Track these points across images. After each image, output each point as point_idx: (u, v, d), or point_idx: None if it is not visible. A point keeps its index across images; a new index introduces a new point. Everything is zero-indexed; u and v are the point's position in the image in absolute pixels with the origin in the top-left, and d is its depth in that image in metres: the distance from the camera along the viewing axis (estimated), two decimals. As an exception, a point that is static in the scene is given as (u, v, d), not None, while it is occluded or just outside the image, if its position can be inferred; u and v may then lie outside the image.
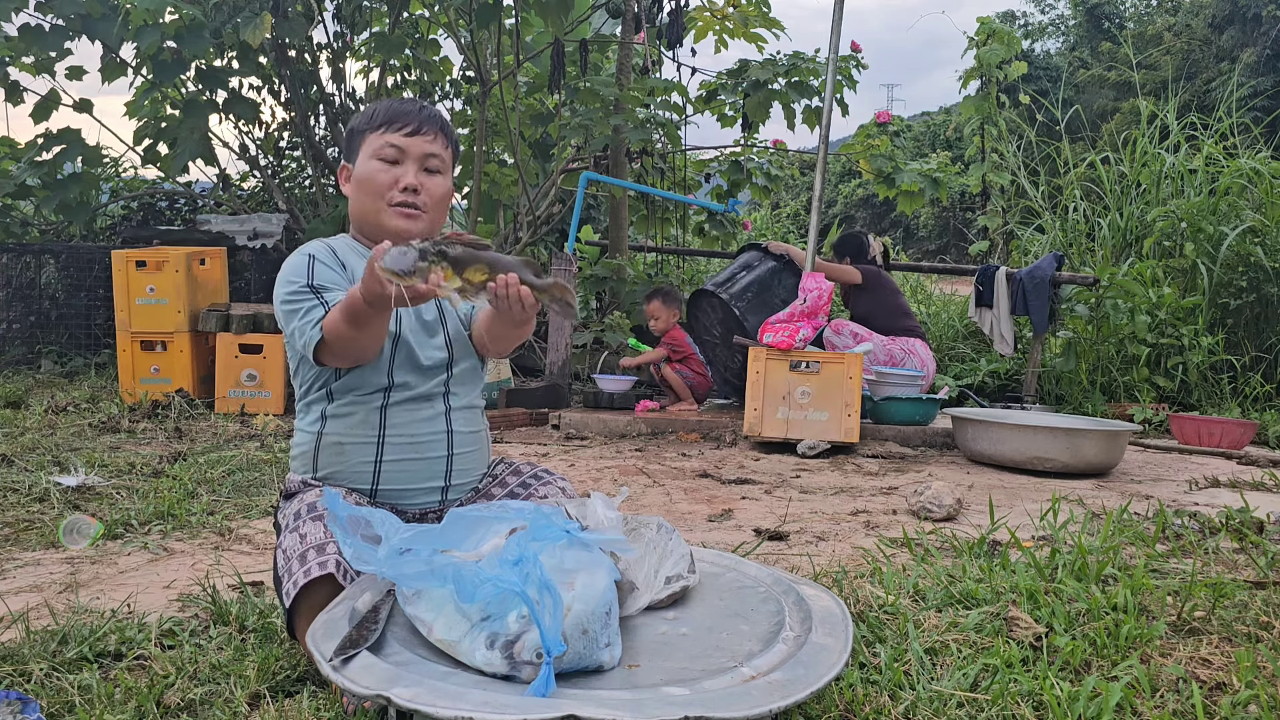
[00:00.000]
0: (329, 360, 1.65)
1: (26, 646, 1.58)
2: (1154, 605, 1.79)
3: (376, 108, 1.77)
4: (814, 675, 1.22)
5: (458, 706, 1.08)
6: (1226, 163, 6.16)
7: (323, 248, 1.75)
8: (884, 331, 5.06)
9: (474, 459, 1.82)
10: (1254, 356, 5.63)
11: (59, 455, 3.43)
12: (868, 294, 5.17)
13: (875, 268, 5.25)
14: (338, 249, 1.76)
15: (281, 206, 6.75)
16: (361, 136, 1.75)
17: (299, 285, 1.66)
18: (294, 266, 1.70)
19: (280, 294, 1.68)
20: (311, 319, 1.62)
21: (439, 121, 1.76)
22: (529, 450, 4.04)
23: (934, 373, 5.11)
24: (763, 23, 6.49)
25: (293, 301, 1.65)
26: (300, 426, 1.76)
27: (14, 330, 6.89)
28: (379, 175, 1.72)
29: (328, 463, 1.71)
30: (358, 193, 1.75)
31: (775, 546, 2.48)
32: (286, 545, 1.56)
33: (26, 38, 5.75)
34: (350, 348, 1.62)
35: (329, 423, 1.71)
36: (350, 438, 1.70)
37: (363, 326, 1.57)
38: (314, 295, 1.65)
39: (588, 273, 6.20)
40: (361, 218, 1.77)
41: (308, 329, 1.62)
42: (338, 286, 1.67)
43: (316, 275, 1.67)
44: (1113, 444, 3.77)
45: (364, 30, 6.72)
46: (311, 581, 1.46)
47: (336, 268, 1.72)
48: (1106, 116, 20.37)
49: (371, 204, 1.73)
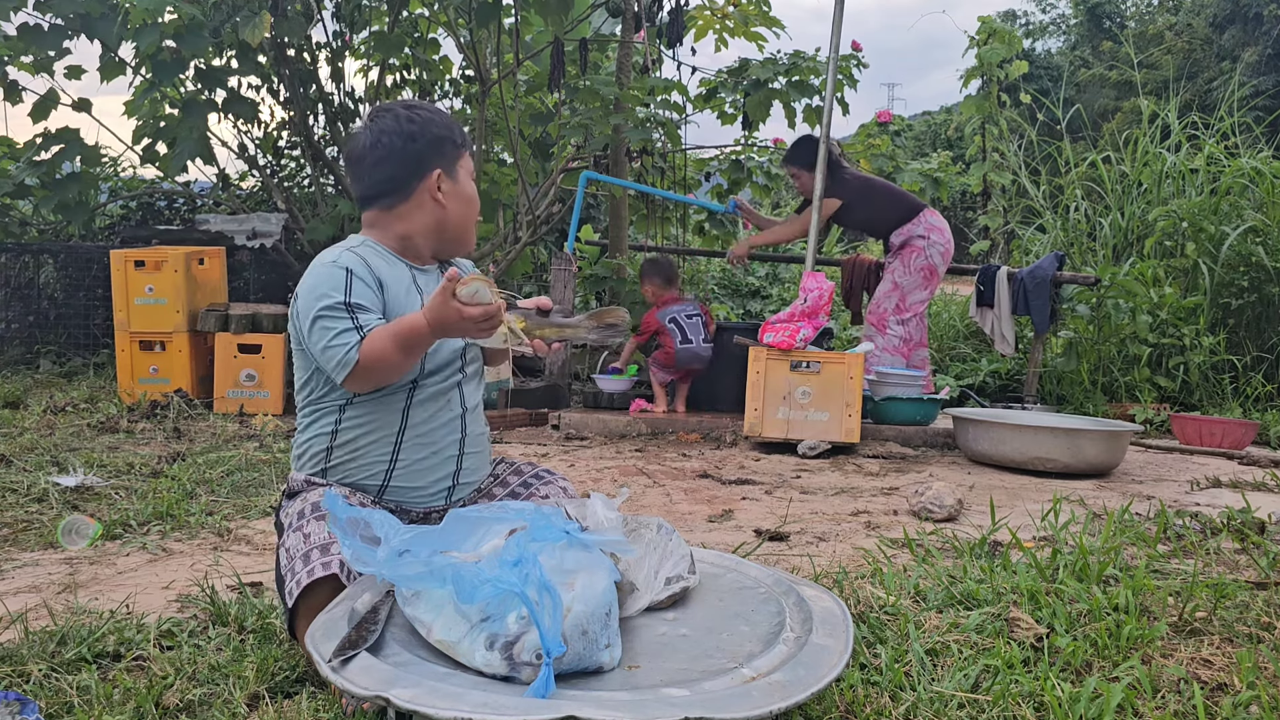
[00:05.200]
0: (353, 385, 1.61)
1: (25, 647, 1.58)
2: (1155, 606, 1.78)
3: (446, 125, 1.77)
4: (814, 676, 1.21)
5: (457, 707, 1.08)
6: (1228, 162, 6.15)
7: (357, 261, 1.66)
8: (895, 225, 4.87)
9: (481, 459, 1.83)
10: (1255, 356, 5.63)
11: (57, 455, 3.42)
12: (859, 205, 4.91)
13: (846, 176, 4.93)
14: (370, 262, 1.68)
15: (280, 206, 6.74)
16: (459, 152, 1.76)
17: (335, 301, 1.59)
18: (329, 279, 1.62)
19: (312, 305, 1.60)
20: (348, 342, 1.57)
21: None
22: (529, 450, 4.03)
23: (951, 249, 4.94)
24: (763, 21, 6.47)
25: (327, 318, 1.59)
26: (309, 427, 1.73)
27: (12, 330, 6.89)
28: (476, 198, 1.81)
29: (342, 459, 1.69)
30: (465, 212, 1.78)
31: (776, 547, 2.47)
32: (290, 544, 1.56)
33: (25, 37, 5.74)
34: (389, 374, 1.60)
35: (345, 421, 1.68)
36: (369, 436, 1.68)
37: (414, 353, 1.57)
38: (350, 315, 1.59)
39: (588, 272, 6.19)
40: (452, 230, 1.78)
41: (342, 351, 1.57)
42: (374, 308, 1.63)
43: (354, 293, 1.61)
44: (1114, 444, 3.77)
45: (363, 29, 6.71)
46: (314, 581, 1.46)
47: (373, 285, 1.65)
48: (1108, 116, 20.36)
49: (470, 225, 1.80)
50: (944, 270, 4.96)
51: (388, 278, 1.69)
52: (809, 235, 4.65)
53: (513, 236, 6.59)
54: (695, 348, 4.85)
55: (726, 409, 4.96)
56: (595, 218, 8.79)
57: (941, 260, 4.87)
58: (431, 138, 1.73)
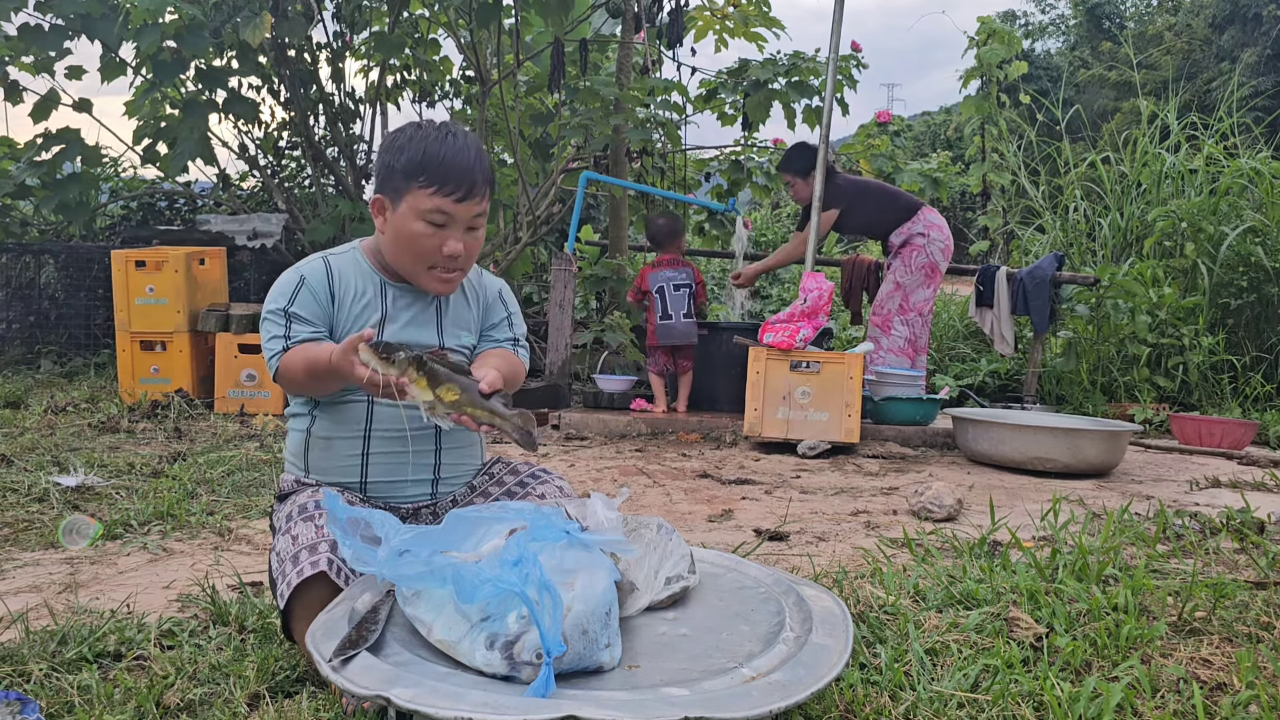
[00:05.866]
0: (286, 389, 1.68)
1: (26, 647, 1.58)
2: (1155, 605, 1.79)
3: (424, 154, 1.61)
4: (814, 676, 1.21)
5: (457, 707, 1.08)
6: (1227, 163, 6.16)
7: (319, 270, 1.69)
8: (893, 226, 4.88)
9: (464, 454, 1.82)
10: (1254, 356, 5.63)
11: (58, 455, 3.42)
12: (857, 209, 4.91)
13: (840, 181, 4.92)
14: (338, 271, 1.70)
15: (281, 206, 6.74)
16: (406, 186, 1.62)
17: (277, 307, 1.66)
18: (283, 283, 1.68)
19: (265, 306, 1.69)
20: (274, 349, 1.64)
21: (488, 178, 1.66)
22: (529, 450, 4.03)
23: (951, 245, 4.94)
24: (763, 22, 6.48)
25: (269, 321, 1.66)
26: (292, 425, 1.77)
27: (13, 330, 6.89)
28: (424, 240, 1.63)
29: (318, 458, 1.72)
30: (396, 247, 1.67)
31: (775, 547, 2.48)
32: (280, 548, 1.57)
33: (26, 37, 5.74)
34: (301, 390, 1.67)
35: (318, 420, 1.71)
36: (338, 433, 1.70)
37: (319, 382, 1.61)
38: (285, 324, 1.65)
39: (588, 272, 6.19)
40: (394, 263, 1.71)
41: (269, 356, 1.65)
42: (313, 321, 1.66)
43: (297, 301, 1.66)
44: (1113, 444, 3.77)
45: (364, 30, 6.71)
46: (305, 581, 1.46)
47: (323, 297, 1.68)
48: (1107, 116, 20.36)
49: (410, 263, 1.67)
50: (945, 267, 4.95)
51: (348, 290, 1.70)
52: (808, 240, 4.64)
53: (513, 237, 6.59)
54: (674, 324, 4.79)
55: (727, 409, 4.97)
56: (595, 218, 8.79)
57: (942, 257, 4.87)
58: (387, 167, 1.65)
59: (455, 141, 1.63)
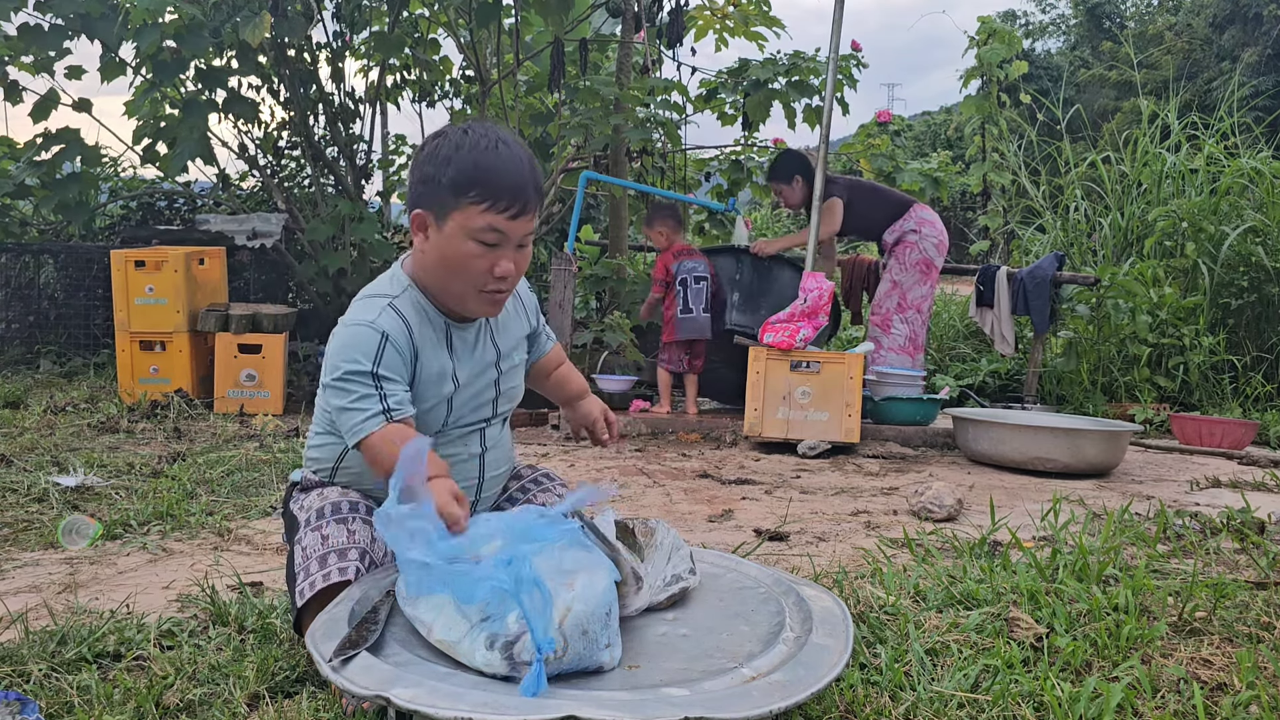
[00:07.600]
0: (363, 455, 1.53)
1: (25, 647, 1.58)
2: (1155, 606, 1.78)
3: (475, 166, 1.47)
4: (814, 676, 1.21)
5: (457, 707, 1.08)
6: (1228, 162, 6.16)
7: (397, 326, 1.53)
8: (885, 224, 4.89)
9: (502, 475, 1.80)
10: (1255, 356, 5.63)
11: (58, 455, 3.42)
12: (854, 206, 4.87)
13: (838, 182, 4.90)
14: (410, 322, 1.56)
15: (281, 206, 6.73)
16: (455, 203, 1.47)
17: (363, 369, 1.49)
18: (362, 341, 1.50)
19: (339, 365, 1.50)
20: (364, 412, 1.48)
21: (540, 191, 1.54)
22: (529, 451, 4.03)
23: (945, 241, 4.93)
24: (763, 21, 6.48)
25: (350, 383, 1.49)
26: (319, 436, 1.71)
27: (13, 330, 6.89)
28: (474, 261, 1.50)
29: (350, 476, 1.69)
30: (443, 269, 1.52)
31: (775, 547, 2.48)
32: (307, 543, 1.54)
33: (25, 37, 5.74)
34: (377, 471, 1.52)
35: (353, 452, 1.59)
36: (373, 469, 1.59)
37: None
38: (375, 386, 1.49)
39: (588, 272, 6.19)
40: (440, 289, 1.57)
41: (357, 422, 1.49)
42: (401, 378, 1.52)
43: (384, 362, 1.50)
44: (1114, 444, 3.77)
45: (363, 29, 6.70)
46: (329, 586, 1.46)
47: (407, 354, 1.54)
48: (1107, 116, 20.35)
49: (459, 286, 1.53)
50: (940, 263, 4.94)
51: (422, 340, 1.57)
52: (809, 235, 4.64)
53: (513, 236, 6.58)
54: (696, 318, 4.71)
55: (726, 408, 4.97)
56: (595, 218, 8.79)
57: (936, 252, 4.86)
58: (430, 179, 1.49)
59: (508, 151, 1.49)
